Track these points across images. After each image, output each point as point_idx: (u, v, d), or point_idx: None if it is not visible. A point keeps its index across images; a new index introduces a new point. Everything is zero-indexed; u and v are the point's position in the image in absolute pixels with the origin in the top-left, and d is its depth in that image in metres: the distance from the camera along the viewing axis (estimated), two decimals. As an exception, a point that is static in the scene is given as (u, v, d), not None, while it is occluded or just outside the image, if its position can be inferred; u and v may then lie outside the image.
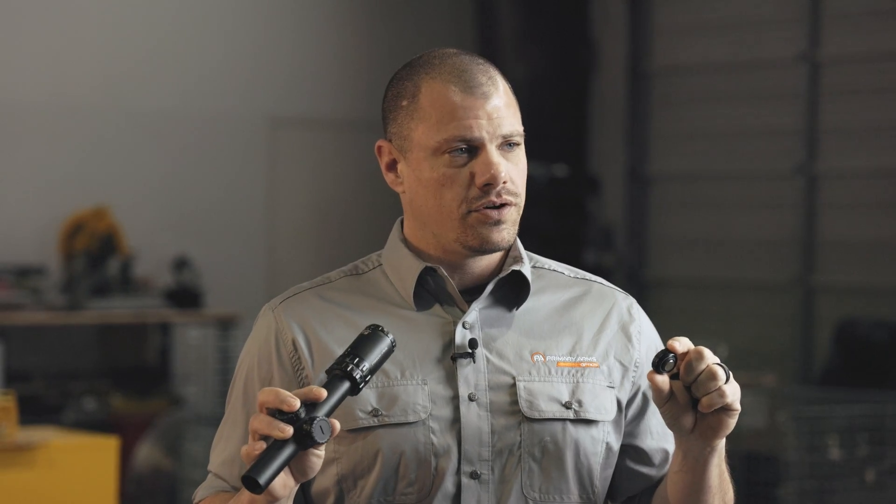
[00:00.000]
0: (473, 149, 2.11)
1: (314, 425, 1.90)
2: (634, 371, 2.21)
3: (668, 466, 2.21)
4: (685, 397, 2.01)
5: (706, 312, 9.43)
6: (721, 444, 2.08)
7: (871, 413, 6.64)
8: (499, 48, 9.82)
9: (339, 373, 1.96)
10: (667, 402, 2.00)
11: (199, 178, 9.48)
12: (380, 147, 2.19)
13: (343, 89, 9.94)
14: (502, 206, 2.11)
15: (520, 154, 2.14)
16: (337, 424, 1.92)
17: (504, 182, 2.10)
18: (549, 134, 9.73)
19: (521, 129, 2.14)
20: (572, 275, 2.26)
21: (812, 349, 9.02)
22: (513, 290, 2.18)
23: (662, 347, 2.25)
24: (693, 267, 9.65)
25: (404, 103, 2.14)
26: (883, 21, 8.83)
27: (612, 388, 2.18)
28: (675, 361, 1.98)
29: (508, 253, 2.20)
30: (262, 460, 1.89)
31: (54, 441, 5.68)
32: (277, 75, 9.77)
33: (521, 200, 2.14)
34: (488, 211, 2.10)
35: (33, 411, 7.89)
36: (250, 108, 9.66)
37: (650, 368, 2.21)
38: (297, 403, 1.90)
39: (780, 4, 9.28)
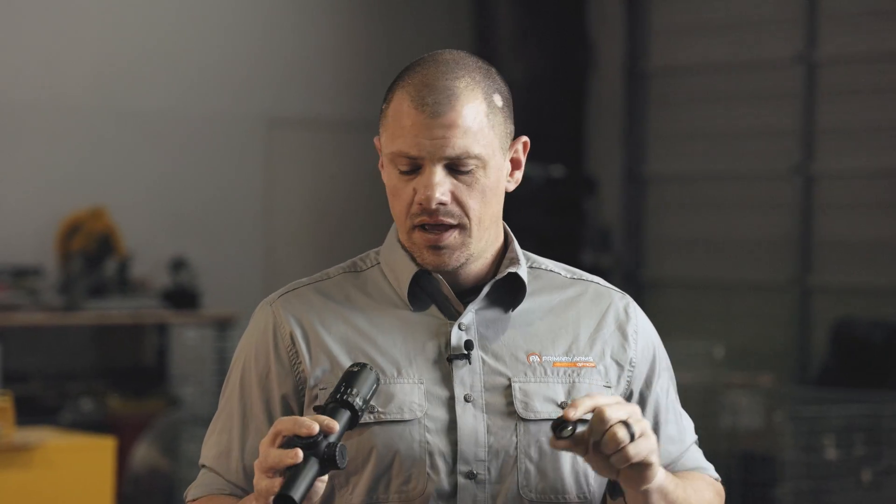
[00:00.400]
0: (417, 166, 2.11)
1: (337, 450, 1.92)
2: (630, 371, 2.21)
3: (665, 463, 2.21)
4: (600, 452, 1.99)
5: (703, 313, 9.43)
6: (656, 484, 2.04)
7: (867, 413, 6.64)
8: (496, 48, 9.82)
9: (338, 403, 1.97)
10: (586, 455, 1.99)
11: (196, 179, 9.48)
12: (376, 142, 2.21)
13: (340, 90, 9.95)
14: (445, 229, 2.11)
15: (477, 176, 2.11)
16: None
17: (442, 203, 2.09)
18: (546, 134, 9.73)
19: (473, 152, 2.10)
20: (569, 275, 2.26)
21: (809, 349, 9.03)
22: (509, 292, 2.18)
23: (660, 345, 2.25)
24: (690, 267, 9.65)
25: (383, 106, 2.16)
26: (880, 21, 8.84)
27: (609, 387, 2.18)
28: (574, 427, 1.97)
29: (505, 254, 2.20)
30: (292, 479, 1.90)
31: (51, 442, 5.67)
32: (274, 75, 9.77)
33: (474, 222, 2.11)
34: (425, 233, 2.12)
35: (30, 412, 7.88)
36: (247, 108, 9.66)
37: (646, 368, 2.22)
38: (316, 427, 1.92)
39: (777, 5, 9.28)
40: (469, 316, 2.15)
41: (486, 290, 2.16)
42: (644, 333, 2.24)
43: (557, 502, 2.13)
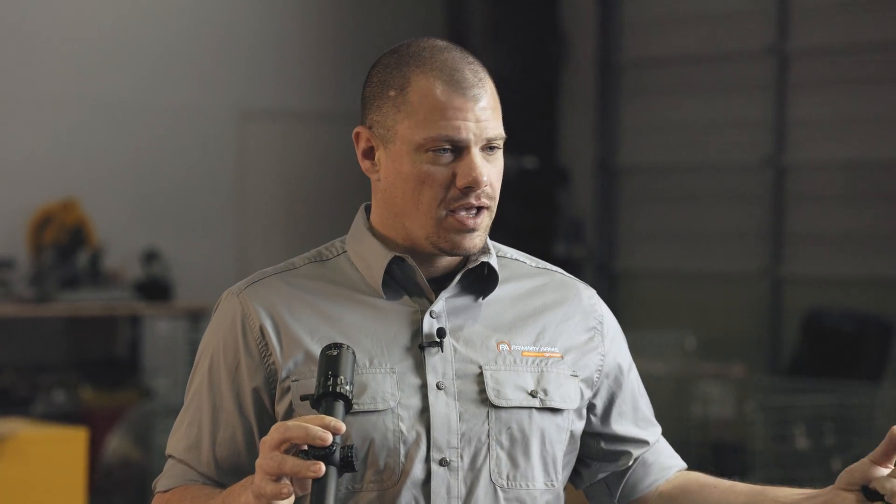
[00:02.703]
0: (458, 149, 2.11)
1: (353, 454, 1.92)
2: (600, 360, 2.23)
3: (638, 450, 2.24)
4: None
5: (675, 303, 9.46)
6: None
7: (837, 403, 6.68)
8: (469, 40, 9.82)
9: (332, 396, 1.96)
10: None
11: (168, 171, 9.46)
12: (357, 134, 2.18)
13: (312, 81, 9.94)
14: (479, 211, 2.12)
15: (499, 157, 2.15)
16: None
17: (485, 186, 2.11)
18: (519, 126, 9.72)
19: (503, 133, 2.15)
20: (533, 264, 2.27)
21: (780, 339, 9.07)
22: (479, 280, 2.19)
23: (622, 332, 2.28)
24: (662, 258, 9.68)
25: (391, 93, 2.13)
26: (851, 13, 8.87)
27: (576, 376, 2.19)
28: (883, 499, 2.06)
29: None
30: (321, 495, 1.90)
31: (23, 433, 5.67)
32: (246, 67, 9.76)
33: (495, 203, 2.15)
34: (464, 217, 2.11)
35: (2, 403, 7.87)
36: (219, 100, 9.65)
37: (618, 357, 2.23)
38: (330, 437, 1.91)
39: (748, -3, 9.32)
40: (441, 304, 2.16)
41: (458, 278, 2.17)
42: (608, 322, 2.26)
43: (526, 489, 2.15)
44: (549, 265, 2.29)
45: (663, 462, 2.28)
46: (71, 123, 9.16)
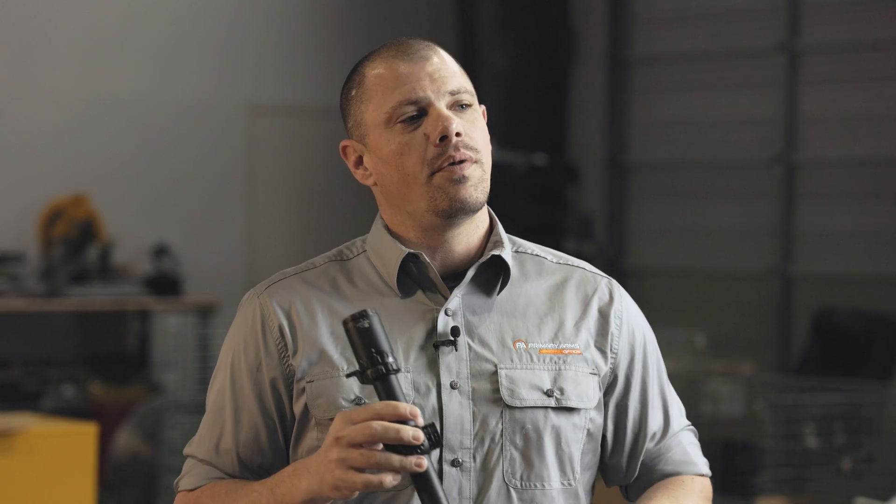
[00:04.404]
0: (423, 110, 2.12)
1: (434, 435, 1.96)
2: (613, 357, 2.21)
3: (644, 444, 2.22)
4: None
5: (685, 301, 9.45)
6: None
7: (847, 401, 6.67)
8: (478, 37, 9.82)
9: (386, 374, 1.98)
10: None
11: (178, 166, 9.47)
12: (344, 148, 2.21)
13: (322, 77, 9.94)
14: (462, 162, 2.11)
15: (474, 115, 2.15)
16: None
17: (458, 135, 2.11)
18: (528, 123, 9.74)
19: (469, 87, 2.16)
20: (556, 260, 2.26)
21: (790, 338, 9.05)
22: (494, 275, 2.18)
23: (648, 330, 2.26)
24: (672, 256, 9.67)
25: (353, 93, 2.18)
26: (862, 11, 8.85)
27: (595, 374, 2.18)
28: None
29: (490, 237, 2.20)
30: (429, 489, 1.95)
31: (33, 428, 5.67)
32: (256, 62, 9.76)
33: (484, 159, 2.14)
34: (451, 167, 2.11)
35: (11, 398, 7.88)
36: (229, 95, 9.65)
37: (630, 354, 2.22)
38: (422, 436, 1.95)
39: (759, -6, 9.30)
40: (455, 301, 2.15)
41: (471, 273, 2.16)
42: (629, 318, 2.24)
43: (541, 489, 2.14)
44: (572, 260, 2.27)
45: (675, 458, 2.25)
46: (81, 118, 9.16)
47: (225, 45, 9.64)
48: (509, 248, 2.20)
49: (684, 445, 2.27)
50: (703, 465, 2.27)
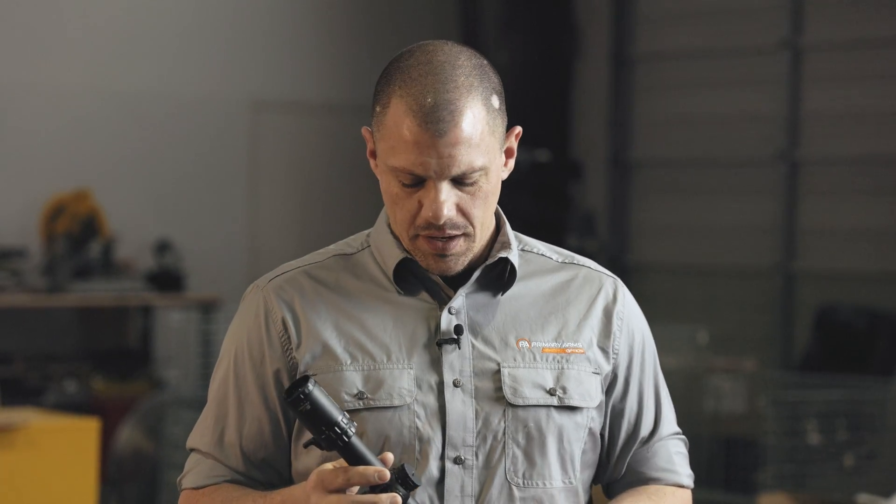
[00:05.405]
0: (421, 181, 2.09)
1: (407, 471, 2.00)
2: (614, 356, 2.21)
3: (637, 444, 2.23)
4: None
5: (687, 298, 9.45)
6: None
7: (849, 398, 6.67)
8: (482, 34, 9.82)
9: (340, 445, 2.00)
10: None
11: (180, 162, 9.47)
12: (364, 133, 2.19)
13: (325, 73, 9.94)
14: (451, 238, 2.10)
15: (481, 184, 2.10)
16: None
17: (447, 220, 2.08)
18: (532, 119, 9.74)
19: (480, 164, 2.08)
20: (560, 259, 2.25)
21: (792, 335, 9.06)
22: (499, 276, 2.18)
23: (647, 331, 2.25)
24: (674, 252, 9.67)
25: (378, 108, 2.12)
26: (865, 8, 8.85)
27: (598, 374, 2.18)
28: None
29: (497, 238, 2.19)
30: None
31: (35, 423, 5.68)
32: (259, 58, 9.76)
33: (477, 228, 2.11)
34: (433, 241, 2.10)
35: (14, 393, 7.88)
36: (232, 90, 9.65)
37: (630, 354, 2.22)
38: (388, 475, 1.98)
39: (762, -9, 9.30)
40: (459, 300, 2.15)
41: (476, 274, 2.16)
42: (630, 319, 2.24)
43: (543, 488, 2.14)
44: (577, 258, 2.26)
45: (659, 464, 2.24)
46: (84, 114, 9.17)
47: (228, 40, 9.64)
48: (516, 248, 2.20)
49: (671, 453, 2.25)
50: (685, 476, 2.26)
